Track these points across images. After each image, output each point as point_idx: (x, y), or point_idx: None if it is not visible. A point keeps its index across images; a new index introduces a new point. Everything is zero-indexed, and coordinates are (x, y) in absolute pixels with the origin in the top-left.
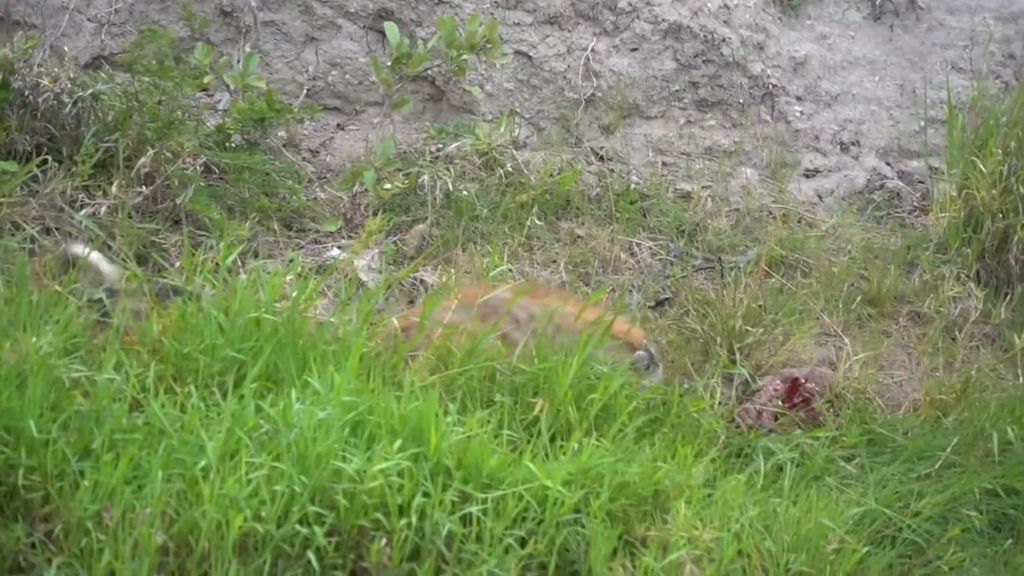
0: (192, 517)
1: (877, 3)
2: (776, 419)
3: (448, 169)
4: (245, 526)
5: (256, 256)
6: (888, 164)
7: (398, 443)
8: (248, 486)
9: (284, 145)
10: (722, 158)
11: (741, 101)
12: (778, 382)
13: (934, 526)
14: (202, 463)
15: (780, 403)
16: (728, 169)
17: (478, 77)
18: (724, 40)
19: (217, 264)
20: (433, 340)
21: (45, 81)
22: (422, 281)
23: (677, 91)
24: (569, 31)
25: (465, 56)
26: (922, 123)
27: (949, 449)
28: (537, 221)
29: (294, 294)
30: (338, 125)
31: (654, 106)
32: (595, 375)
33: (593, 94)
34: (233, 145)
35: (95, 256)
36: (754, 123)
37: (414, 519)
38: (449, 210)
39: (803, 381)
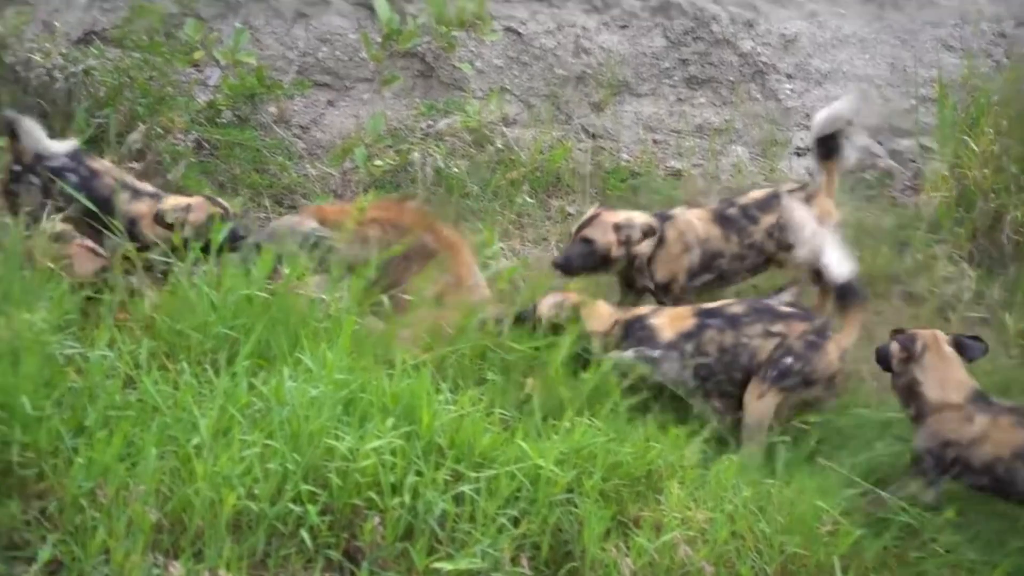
0: (185, 495)
1: None
2: None
3: (438, 146)
4: (238, 504)
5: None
6: (879, 143)
7: (390, 421)
8: (241, 464)
9: (275, 121)
10: (713, 136)
11: (731, 79)
12: None
13: (929, 508)
14: (195, 440)
15: None
16: (719, 147)
17: (468, 54)
18: (714, 17)
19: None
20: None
21: (37, 56)
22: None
23: (667, 68)
24: (559, 7)
25: (455, 32)
26: (913, 102)
27: None
28: (527, 198)
29: (286, 271)
30: (328, 101)
31: (644, 83)
32: (586, 353)
33: (583, 71)
34: (224, 121)
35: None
36: (744, 101)
37: (407, 498)
38: (440, 187)
39: None
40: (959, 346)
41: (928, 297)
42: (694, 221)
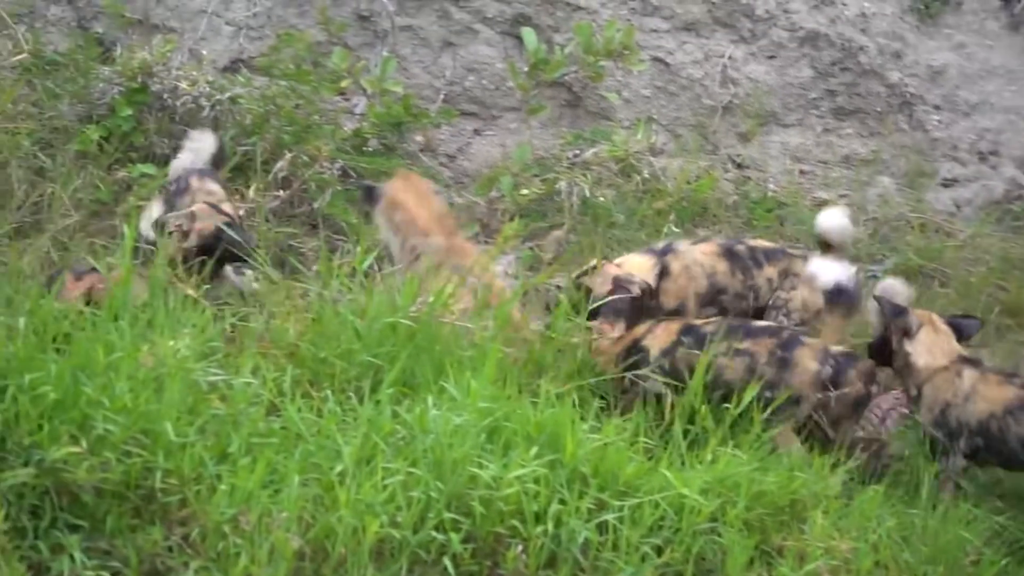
0: (328, 522)
1: (1015, 13)
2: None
3: (585, 175)
4: (381, 532)
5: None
6: None
7: (534, 450)
8: (384, 492)
9: (421, 150)
10: (859, 167)
11: (879, 109)
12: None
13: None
14: (338, 468)
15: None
16: (865, 178)
17: (615, 83)
18: (861, 48)
19: (354, 268)
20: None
21: (183, 84)
22: (559, 287)
23: (814, 99)
24: (706, 38)
25: (602, 62)
26: None
27: None
28: (674, 228)
29: (430, 299)
30: (475, 130)
31: (791, 114)
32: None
33: (730, 101)
34: (370, 149)
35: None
36: (892, 132)
37: (550, 526)
38: (586, 216)
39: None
40: (955, 327)
41: None
42: (699, 256)
